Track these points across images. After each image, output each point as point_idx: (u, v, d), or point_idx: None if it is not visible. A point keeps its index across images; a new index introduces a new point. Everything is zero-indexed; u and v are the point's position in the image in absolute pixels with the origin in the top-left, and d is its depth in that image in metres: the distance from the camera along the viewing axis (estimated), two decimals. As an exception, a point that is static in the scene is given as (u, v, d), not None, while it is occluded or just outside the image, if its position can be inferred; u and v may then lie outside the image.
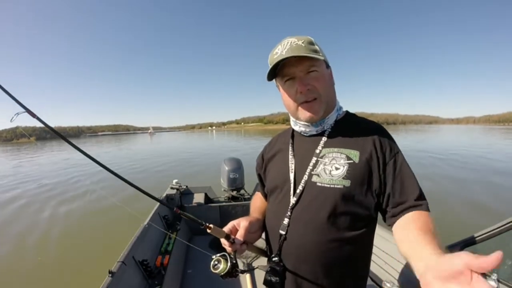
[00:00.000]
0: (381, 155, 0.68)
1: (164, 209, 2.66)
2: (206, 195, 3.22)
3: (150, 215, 2.26)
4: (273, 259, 0.74)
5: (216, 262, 0.72)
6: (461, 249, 1.30)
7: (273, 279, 0.72)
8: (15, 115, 0.80)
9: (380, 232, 1.90)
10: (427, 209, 0.64)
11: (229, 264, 0.70)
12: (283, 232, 0.73)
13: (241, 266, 2.23)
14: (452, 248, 1.35)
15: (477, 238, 1.21)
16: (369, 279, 1.78)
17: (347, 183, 0.67)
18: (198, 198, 3.02)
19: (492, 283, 0.32)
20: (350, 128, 0.75)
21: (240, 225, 0.77)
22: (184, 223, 2.72)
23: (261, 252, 0.85)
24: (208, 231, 0.74)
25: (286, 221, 0.73)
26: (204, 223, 0.75)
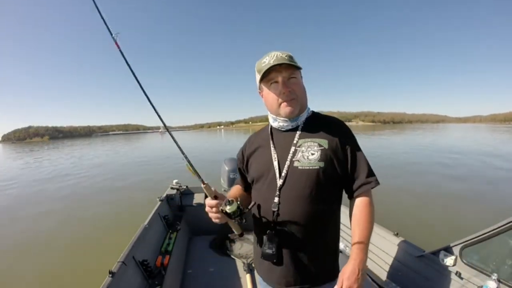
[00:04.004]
0: (342, 141, 0.90)
1: (165, 209, 2.67)
2: (206, 195, 3.22)
3: (151, 215, 2.27)
4: (268, 232, 0.89)
5: (227, 203, 0.85)
6: (462, 249, 1.29)
7: (270, 250, 0.87)
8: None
9: (380, 232, 1.89)
10: (376, 183, 0.89)
11: (239, 205, 0.85)
12: (275, 209, 0.88)
13: (241, 267, 2.24)
14: (453, 248, 1.34)
15: (477, 238, 1.20)
16: (369, 278, 1.77)
17: (322, 164, 0.87)
18: (199, 198, 3.03)
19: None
20: (318, 123, 0.96)
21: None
22: (185, 223, 2.73)
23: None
24: (203, 185, 0.92)
25: (276, 199, 0.89)
26: (203, 180, 0.93)
